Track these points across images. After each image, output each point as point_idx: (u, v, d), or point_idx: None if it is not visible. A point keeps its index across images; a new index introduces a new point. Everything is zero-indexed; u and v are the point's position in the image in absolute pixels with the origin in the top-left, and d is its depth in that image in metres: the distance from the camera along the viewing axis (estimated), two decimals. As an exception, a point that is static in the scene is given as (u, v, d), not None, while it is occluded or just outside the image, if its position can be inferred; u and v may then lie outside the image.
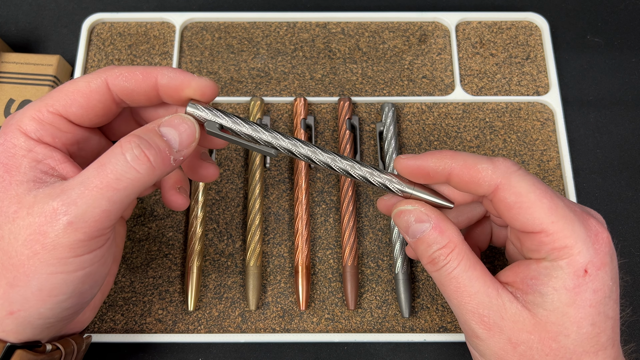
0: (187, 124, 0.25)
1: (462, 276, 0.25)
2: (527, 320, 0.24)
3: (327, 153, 0.27)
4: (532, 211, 0.24)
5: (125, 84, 0.25)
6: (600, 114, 0.42)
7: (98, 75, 0.25)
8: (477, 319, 0.25)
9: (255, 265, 0.35)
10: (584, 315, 0.24)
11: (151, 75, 0.25)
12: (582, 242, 0.24)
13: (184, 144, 0.25)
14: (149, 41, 0.43)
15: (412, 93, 0.41)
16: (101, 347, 0.35)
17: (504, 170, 0.25)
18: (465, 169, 0.25)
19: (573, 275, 0.24)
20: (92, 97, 0.25)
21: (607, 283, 0.24)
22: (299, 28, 0.44)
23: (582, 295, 0.24)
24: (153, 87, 0.25)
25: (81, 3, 0.46)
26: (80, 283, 0.24)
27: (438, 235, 0.26)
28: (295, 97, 0.40)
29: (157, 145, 0.23)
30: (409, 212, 0.27)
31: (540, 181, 0.25)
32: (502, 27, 0.44)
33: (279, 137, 0.27)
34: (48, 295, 0.23)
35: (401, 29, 0.44)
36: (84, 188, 0.22)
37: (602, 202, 0.39)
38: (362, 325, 0.35)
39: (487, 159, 0.25)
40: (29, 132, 0.24)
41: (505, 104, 0.41)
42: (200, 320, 0.35)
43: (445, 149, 0.29)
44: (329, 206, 0.38)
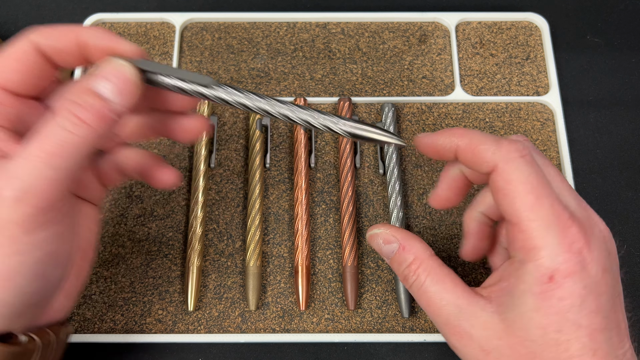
0: (120, 68, 0.23)
1: (430, 289, 0.27)
2: (497, 326, 0.25)
3: (264, 99, 0.25)
4: (514, 201, 0.24)
5: (51, 42, 0.24)
6: (600, 114, 0.42)
7: (23, 37, 0.24)
8: (449, 329, 0.26)
9: (255, 266, 0.35)
10: (549, 322, 0.23)
11: (76, 33, 0.24)
12: (551, 248, 0.23)
13: (122, 91, 0.23)
14: (149, 41, 0.43)
15: (412, 93, 0.41)
16: (101, 347, 0.35)
17: (505, 154, 0.25)
18: (469, 147, 0.26)
19: (539, 280, 0.24)
20: (24, 59, 0.24)
21: (576, 292, 0.23)
22: (299, 28, 0.44)
23: (547, 302, 0.23)
24: (78, 45, 0.24)
25: (81, 3, 0.46)
26: (40, 264, 0.22)
27: (404, 253, 0.28)
28: (295, 98, 0.40)
29: (90, 104, 0.22)
30: (377, 236, 0.29)
31: (539, 175, 0.25)
32: (502, 27, 0.44)
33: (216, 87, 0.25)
34: (6, 280, 0.22)
35: (401, 29, 0.44)
36: (24, 160, 0.21)
37: (602, 202, 0.39)
38: (362, 326, 0.35)
39: (493, 140, 0.25)
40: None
41: (505, 104, 0.41)
42: (200, 320, 0.35)
43: (458, 127, 0.30)
44: (329, 206, 0.38)
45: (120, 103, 0.23)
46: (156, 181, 0.29)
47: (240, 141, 0.40)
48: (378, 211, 0.38)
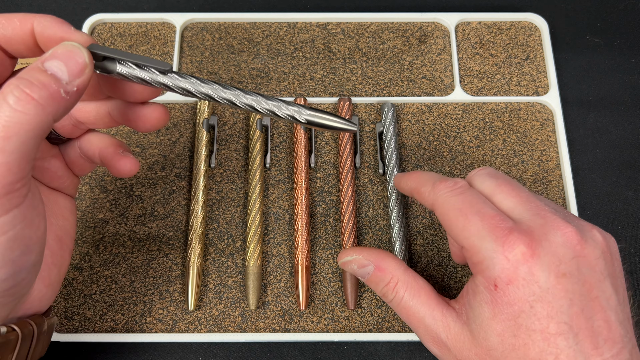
0: (73, 49, 0.22)
1: (409, 304, 0.28)
2: (466, 337, 0.26)
3: (229, 89, 0.25)
4: (452, 229, 0.27)
5: (2, 30, 0.23)
6: (600, 114, 0.42)
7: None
8: (430, 339, 0.28)
9: (255, 265, 0.36)
10: (503, 328, 0.24)
11: (28, 21, 0.23)
12: (489, 258, 0.25)
13: (74, 72, 0.22)
14: (150, 41, 0.43)
15: (411, 93, 0.42)
16: (101, 346, 0.35)
17: (438, 192, 0.28)
18: (415, 190, 0.31)
19: (487, 289, 0.25)
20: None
21: (522, 298, 0.24)
22: (299, 28, 0.44)
23: (498, 309, 0.25)
24: (30, 35, 0.24)
25: (81, 3, 0.46)
26: (6, 250, 0.22)
27: (380, 274, 0.30)
28: (295, 98, 0.40)
29: (41, 81, 0.21)
30: (351, 262, 0.31)
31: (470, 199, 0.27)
32: (502, 27, 0.44)
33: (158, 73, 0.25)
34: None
35: (401, 29, 0.44)
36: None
37: (602, 202, 0.39)
38: (362, 325, 0.35)
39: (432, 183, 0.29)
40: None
41: (504, 104, 0.41)
42: (200, 319, 0.35)
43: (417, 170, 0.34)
44: (329, 206, 0.38)
45: (71, 82, 0.22)
46: (115, 169, 0.28)
47: (240, 141, 0.40)
48: (378, 211, 0.38)
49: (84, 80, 0.23)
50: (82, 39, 0.24)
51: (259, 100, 0.25)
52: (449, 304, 0.28)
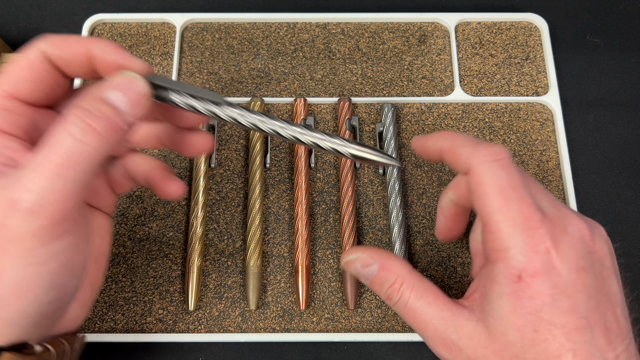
0: (132, 79, 0.23)
1: (415, 305, 0.27)
2: (481, 334, 0.25)
3: (276, 121, 0.26)
4: (484, 203, 0.25)
5: (60, 52, 0.24)
6: (600, 114, 0.42)
7: (34, 46, 0.24)
8: (439, 342, 0.26)
9: (255, 265, 0.36)
10: (524, 322, 0.24)
11: (85, 45, 0.24)
12: (519, 248, 0.24)
13: (133, 103, 0.23)
14: (150, 42, 0.43)
15: (411, 93, 0.42)
16: (101, 346, 0.35)
17: (480, 157, 0.26)
18: (450, 149, 0.28)
19: (509, 280, 0.24)
20: (36, 68, 0.23)
21: (546, 291, 0.24)
22: (299, 29, 0.44)
23: (520, 302, 0.24)
24: (87, 58, 0.24)
25: (81, 3, 0.46)
26: (56, 275, 0.22)
27: (385, 274, 0.28)
28: (295, 98, 0.40)
29: (103, 113, 0.22)
30: (354, 262, 0.29)
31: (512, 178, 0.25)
32: (502, 27, 0.44)
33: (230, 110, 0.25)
34: (25, 291, 0.22)
35: (401, 29, 0.44)
36: (35, 172, 0.21)
37: (602, 202, 0.39)
38: (362, 325, 0.35)
39: (473, 144, 0.27)
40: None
41: (504, 105, 0.41)
42: (200, 320, 0.35)
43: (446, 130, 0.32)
44: (329, 206, 0.38)
45: (131, 113, 0.23)
46: (162, 191, 0.29)
47: (240, 141, 0.40)
48: (378, 211, 0.38)
49: (142, 111, 0.23)
50: (140, 66, 0.24)
51: (304, 132, 0.26)
52: (458, 303, 0.27)
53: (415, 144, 0.31)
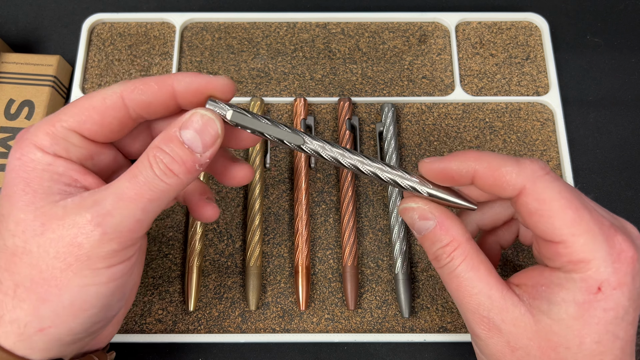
0: (208, 121, 0.24)
1: (463, 275, 0.25)
2: (528, 325, 0.24)
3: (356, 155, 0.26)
4: (553, 221, 0.23)
5: (142, 97, 0.24)
6: (600, 114, 0.42)
7: (113, 91, 0.24)
8: (478, 319, 0.25)
9: (255, 266, 0.35)
10: (589, 332, 0.23)
11: (166, 83, 0.25)
12: (601, 259, 0.23)
13: (208, 145, 0.24)
14: (149, 41, 0.43)
15: (412, 93, 0.41)
16: (101, 347, 0.35)
17: (530, 174, 0.24)
18: (489, 171, 0.25)
19: (585, 290, 0.23)
20: (108, 114, 0.24)
21: (622, 304, 0.23)
22: (299, 28, 0.44)
23: (590, 312, 0.23)
24: (171, 96, 0.25)
25: (81, 3, 0.46)
26: (110, 295, 0.23)
27: (441, 233, 0.26)
28: (295, 98, 0.40)
29: (180, 157, 0.23)
30: (412, 210, 0.27)
31: (569, 188, 0.24)
32: (502, 27, 0.44)
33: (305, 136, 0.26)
34: (80, 309, 0.23)
35: (401, 29, 0.44)
36: (117, 199, 0.22)
37: (602, 202, 0.39)
38: (362, 326, 0.35)
39: (514, 161, 0.24)
40: (45, 147, 0.23)
41: (505, 104, 0.41)
42: (200, 320, 0.35)
43: (470, 150, 0.28)
44: (329, 206, 0.38)
45: (204, 154, 0.24)
46: (199, 214, 0.29)
47: (240, 141, 0.40)
48: (378, 211, 0.38)
49: (215, 150, 0.24)
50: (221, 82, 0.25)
51: (383, 169, 0.26)
52: (508, 287, 0.25)
53: (430, 168, 0.26)
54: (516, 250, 0.37)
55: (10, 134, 0.38)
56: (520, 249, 0.37)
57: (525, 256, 0.37)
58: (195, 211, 0.29)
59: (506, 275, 0.36)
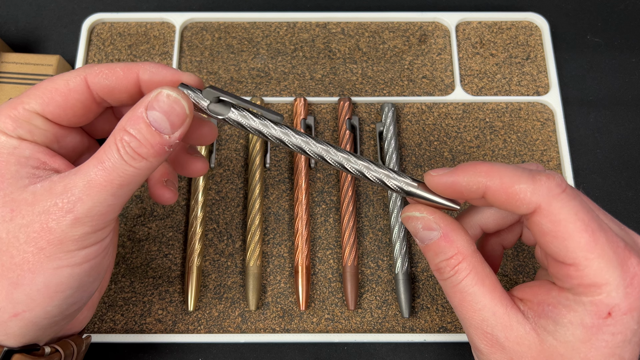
0: (175, 101, 0.23)
1: (468, 290, 0.24)
2: (532, 345, 0.23)
3: (321, 144, 0.26)
4: (567, 243, 0.22)
5: (105, 81, 0.24)
6: (601, 114, 0.42)
7: (77, 74, 0.24)
8: (480, 334, 0.24)
9: (255, 266, 0.35)
10: (595, 355, 0.22)
11: (132, 71, 0.24)
12: (614, 285, 0.22)
13: (176, 125, 0.23)
14: (149, 41, 0.43)
15: (412, 93, 0.41)
16: (101, 347, 0.35)
17: (546, 192, 0.22)
18: (502, 188, 0.23)
19: (594, 314, 0.22)
20: (71, 97, 0.24)
21: (631, 327, 0.22)
22: (299, 28, 0.44)
23: (598, 336, 0.22)
24: (135, 84, 0.25)
25: (81, 3, 0.46)
26: (85, 276, 0.23)
27: (446, 245, 0.25)
28: (295, 97, 0.40)
29: (147, 140, 0.23)
30: (416, 219, 0.26)
31: (586, 207, 0.23)
32: (502, 27, 0.44)
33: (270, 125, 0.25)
34: (55, 291, 0.23)
35: (401, 29, 0.44)
36: (87, 186, 0.22)
37: (602, 202, 0.39)
38: (362, 326, 0.35)
39: (529, 178, 0.23)
40: (8, 130, 0.23)
41: (505, 104, 0.41)
42: (200, 320, 0.35)
43: (480, 162, 0.25)
44: (329, 206, 0.38)
45: (172, 135, 0.23)
46: (155, 196, 0.29)
47: (240, 141, 0.40)
48: (378, 211, 0.38)
49: (184, 131, 0.24)
50: (192, 79, 0.25)
51: (369, 167, 0.26)
52: (513, 302, 0.24)
53: (438, 182, 0.25)
54: (517, 250, 0.37)
55: (10, 133, 0.38)
56: (521, 249, 0.37)
57: (526, 256, 0.37)
58: (152, 192, 0.29)
59: (505, 274, 0.36)
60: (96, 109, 0.26)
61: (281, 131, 0.25)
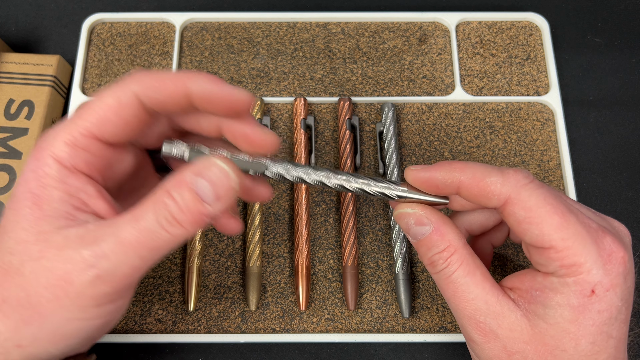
0: (226, 175, 0.23)
1: (460, 281, 0.25)
2: (525, 330, 0.24)
3: (320, 171, 0.27)
4: (541, 227, 0.24)
5: (155, 95, 0.23)
6: (601, 114, 0.42)
7: (127, 89, 0.23)
8: (474, 324, 0.25)
9: (255, 266, 0.35)
10: (584, 334, 0.23)
11: (182, 82, 0.23)
12: (593, 262, 0.23)
13: (221, 198, 0.23)
14: (149, 41, 0.43)
15: (412, 93, 0.41)
16: (101, 347, 0.35)
17: (514, 183, 0.24)
18: (474, 182, 0.25)
19: (579, 293, 0.23)
20: (124, 112, 0.23)
21: (615, 304, 0.23)
22: (299, 28, 0.44)
23: (585, 314, 0.23)
24: (185, 97, 0.24)
25: (81, 3, 0.46)
26: (95, 330, 0.23)
27: (438, 238, 0.26)
28: (295, 97, 0.40)
29: (189, 208, 0.22)
30: (408, 215, 0.27)
31: (555, 194, 0.24)
32: (502, 27, 0.44)
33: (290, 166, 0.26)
34: (60, 339, 0.22)
35: (401, 29, 0.44)
36: (117, 242, 0.22)
37: (602, 202, 0.39)
38: (362, 326, 0.35)
39: (498, 171, 0.25)
40: (63, 159, 0.23)
41: (505, 104, 0.41)
42: (200, 320, 0.35)
43: (455, 160, 0.28)
44: (329, 206, 0.38)
45: (215, 206, 0.23)
46: (220, 226, 0.28)
47: (240, 141, 0.40)
48: (378, 211, 0.38)
49: (228, 204, 0.23)
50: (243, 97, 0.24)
51: (349, 179, 0.27)
52: (503, 291, 0.25)
53: (416, 176, 0.27)
54: (517, 250, 0.37)
55: (10, 133, 0.38)
56: (521, 249, 0.37)
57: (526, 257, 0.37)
58: (219, 224, 0.28)
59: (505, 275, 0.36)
60: (150, 120, 0.25)
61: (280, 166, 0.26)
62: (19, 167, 0.38)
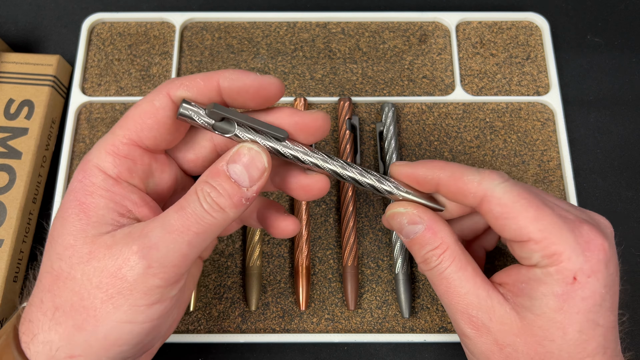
0: (255, 155, 0.24)
1: (452, 277, 0.26)
2: (514, 322, 0.25)
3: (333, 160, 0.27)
4: (517, 221, 0.25)
5: (187, 93, 0.24)
6: (601, 114, 0.42)
7: (159, 91, 0.24)
8: (466, 319, 0.26)
9: (255, 266, 0.35)
10: (570, 322, 0.24)
11: (212, 79, 0.24)
12: (571, 250, 0.24)
13: (255, 179, 0.24)
14: (149, 41, 0.43)
15: (412, 93, 0.41)
16: (101, 347, 0.35)
17: (490, 181, 0.25)
18: (452, 180, 0.26)
19: (562, 281, 0.24)
20: (160, 115, 0.24)
21: (599, 291, 0.24)
22: (299, 28, 0.44)
23: (569, 302, 0.24)
24: (217, 92, 0.25)
25: (81, 3, 0.46)
26: (145, 334, 0.23)
27: (431, 236, 0.27)
28: (295, 97, 0.40)
29: (227, 192, 0.23)
30: (401, 215, 0.28)
31: (529, 190, 0.25)
32: (503, 27, 0.44)
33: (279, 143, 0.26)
34: (112, 344, 0.22)
35: (401, 29, 0.44)
36: (165, 231, 0.22)
37: (602, 202, 0.39)
38: (362, 326, 0.35)
39: (476, 171, 0.26)
40: (107, 169, 0.24)
41: (505, 104, 0.41)
42: (200, 320, 0.35)
43: (437, 159, 0.29)
44: (329, 206, 0.38)
45: (251, 188, 0.24)
46: (276, 230, 0.29)
47: (240, 141, 0.40)
48: (378, 211, 0.38)
49: (262, 184, 0.24)
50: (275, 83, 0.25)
51: (362, 172, 0.27)
52: (493, 286, 0.26)
53: (400, 171, 0.28)
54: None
55: (10, 133, 0.38)
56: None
57: (526, 256, 0.37)
58: (275, 227, 0.28)
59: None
60: (186, 125, 0.26)
61: (295, 149, 0.26)
62: (19, 167, 0.38)
